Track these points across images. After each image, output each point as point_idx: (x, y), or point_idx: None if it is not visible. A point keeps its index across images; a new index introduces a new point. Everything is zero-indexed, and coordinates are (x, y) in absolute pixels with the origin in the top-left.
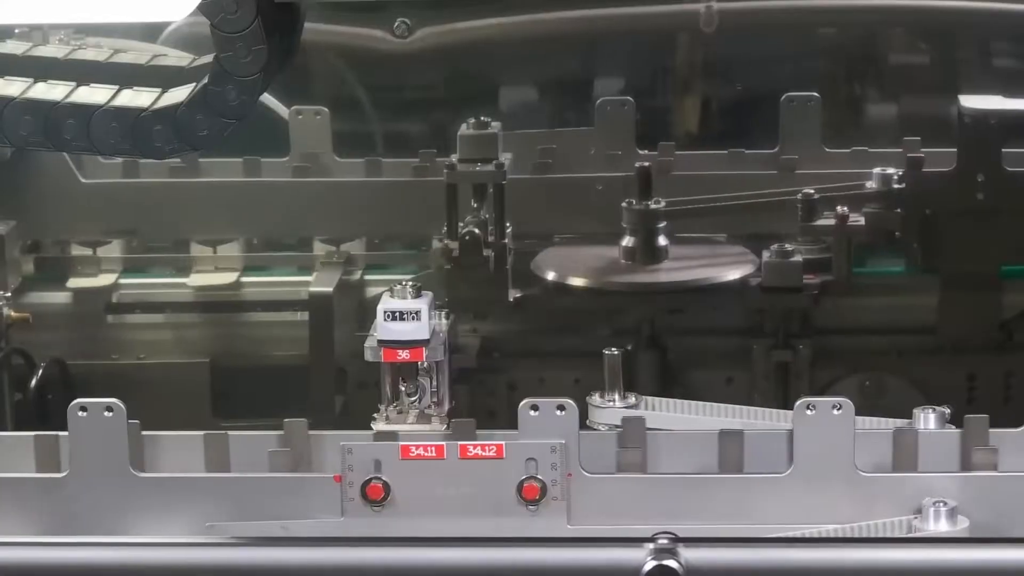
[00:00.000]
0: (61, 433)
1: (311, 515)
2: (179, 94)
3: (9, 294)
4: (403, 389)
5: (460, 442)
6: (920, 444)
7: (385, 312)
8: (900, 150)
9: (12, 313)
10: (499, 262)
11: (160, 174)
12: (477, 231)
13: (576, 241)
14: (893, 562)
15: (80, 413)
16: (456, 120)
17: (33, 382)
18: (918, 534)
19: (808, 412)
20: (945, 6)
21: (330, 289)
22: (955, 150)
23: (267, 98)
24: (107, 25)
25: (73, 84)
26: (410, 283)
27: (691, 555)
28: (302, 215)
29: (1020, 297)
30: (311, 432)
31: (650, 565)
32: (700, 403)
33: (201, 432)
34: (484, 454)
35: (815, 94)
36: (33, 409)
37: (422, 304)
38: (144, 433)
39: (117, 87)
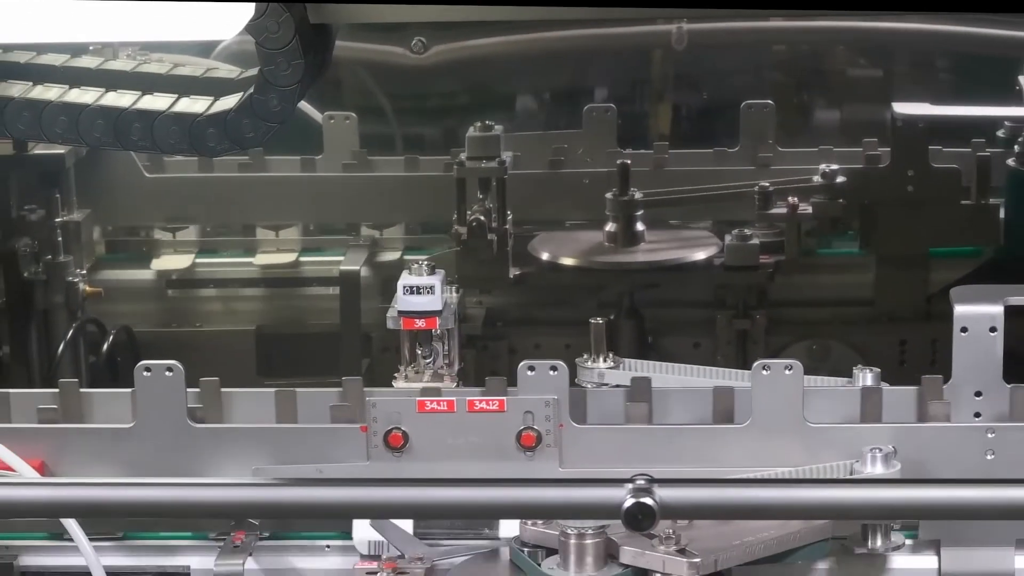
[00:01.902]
0: (128, 390)
1: (342, 460)
2: (229, 101)
3: (85, 271)
4: (419, 352)
5: (467, 397)
6: (871, 398)
7: (404, 287)
8: (841, 149)
9: (87, 288)
10: (501, 245)
11: (217, 169)
12: (482, 218)
13: (567, 227)
14: (836, 499)
15: (145, 373)
16: (464, 124)
17: (105, 347)
18: (857, 475)
19: (764, 372)
20: (880, 27)
21: (358, 267)
22: (889, 149)
23: (304, 105)
24: (167, 43)
25: (139, 93)
26: (425, 262)
27: (664, 494)
28: (342, 205)
29: (945, 275)
30: (337, 390)
31: (629, 502)
32: (672, 364)
33: (272, 388)
34: (488, 408)
35: (769, 101)
36: (104, 370)
37: (436, 280)
38: (223, 390)
39: (176, 95)
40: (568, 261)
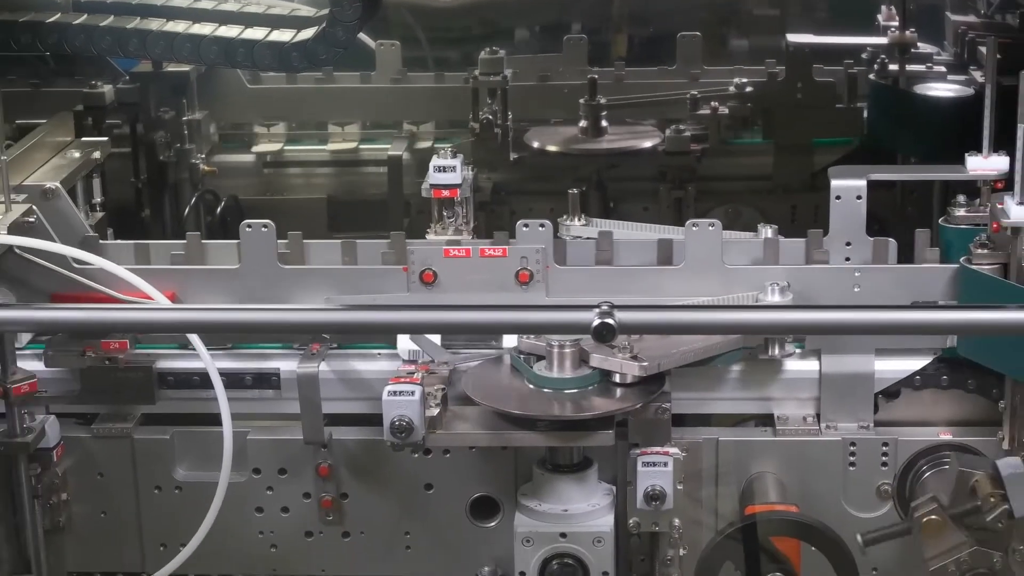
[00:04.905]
0: (236, 241)
1: (389, 291)
2: (308, 33)
3: (203, 155)
4: (445, 215)
5: (480, 246)
6: (770, 247)
7: (434, 166)
8: (749, 67)
9: (204, 167)
10: (504, 136)
11: (299, 82)
12: (491, 117)
13: (552, 123)
14: (745, 320)
15: (247, 229)
16: (477, 49)
17: (218, 211)
18: (761, 303)
19: (694, 229)
20: None
21: (401, 152)
22: (784, 67)
23: (361, 35)
24: None
25: (243, 27)
26: (450, 149)
27: (623, 316)
28: (390, 108)
29: (824, 158)
30: (385, 241)
31: (597, 322)
32: (628, 223)
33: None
34: (495, 254)
35: (698, 33)
36: (218, 228)
37: (457, 162)
38: (306, 241)
39: (270, 29)
40: (552, 148)
